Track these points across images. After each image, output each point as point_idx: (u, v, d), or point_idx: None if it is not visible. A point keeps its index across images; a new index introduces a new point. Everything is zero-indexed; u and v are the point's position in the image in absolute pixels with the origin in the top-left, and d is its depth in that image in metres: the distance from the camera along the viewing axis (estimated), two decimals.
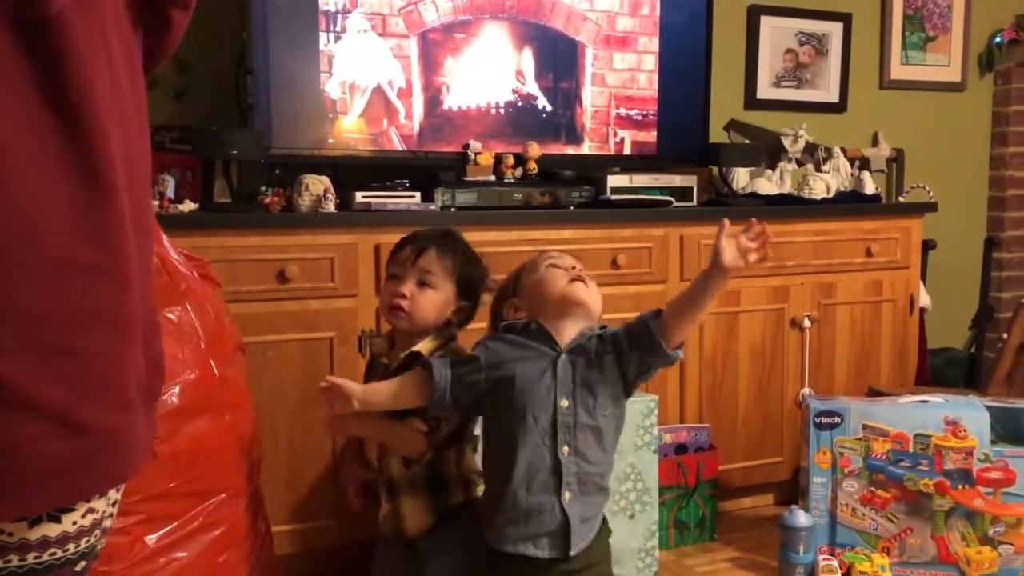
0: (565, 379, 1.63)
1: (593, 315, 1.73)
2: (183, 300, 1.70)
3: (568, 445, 1.61)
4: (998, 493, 2.34)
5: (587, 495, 1.63)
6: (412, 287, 1.75)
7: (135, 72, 0.93)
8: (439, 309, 1.77)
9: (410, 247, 1.79)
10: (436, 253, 1.77)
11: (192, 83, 2.67)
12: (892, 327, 3.04)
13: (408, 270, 1.76)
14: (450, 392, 1.64)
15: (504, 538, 1.61)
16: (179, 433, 1.61)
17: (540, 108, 2.86)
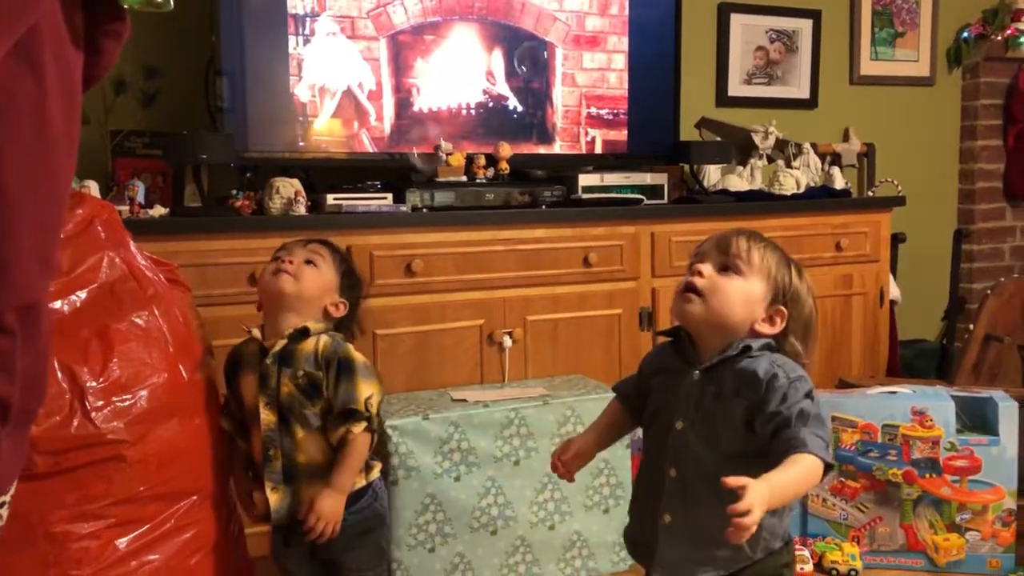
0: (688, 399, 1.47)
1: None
2: (150, 305, 1.71)
3: (676, 468, 1.47)
4: (964, 481, 2.38)
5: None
6: (299, 260, 1.80)
7: (72, 103, 0.96)
8: (322, 288, 1.81)
9: (293, 244, 1.86)
10: (323, 245, 1.86)
11: (162, 88, 2.67)
12: (863, 320, 3.08)
13: (296, 249, 1.83)
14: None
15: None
16: (148, 436, 1.62)
17: (511, 108, 2.88)
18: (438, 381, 2.52)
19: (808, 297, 1.49)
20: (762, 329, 1.44)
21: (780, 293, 1.46)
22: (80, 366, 1.57)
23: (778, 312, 1.45)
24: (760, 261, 1.46)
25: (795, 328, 1.47)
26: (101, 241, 1.72)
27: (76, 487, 1.54)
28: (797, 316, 1.47)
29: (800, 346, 1.48)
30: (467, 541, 2.26)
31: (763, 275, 1.46)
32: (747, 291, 1.45)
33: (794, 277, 1.47)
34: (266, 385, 1.75)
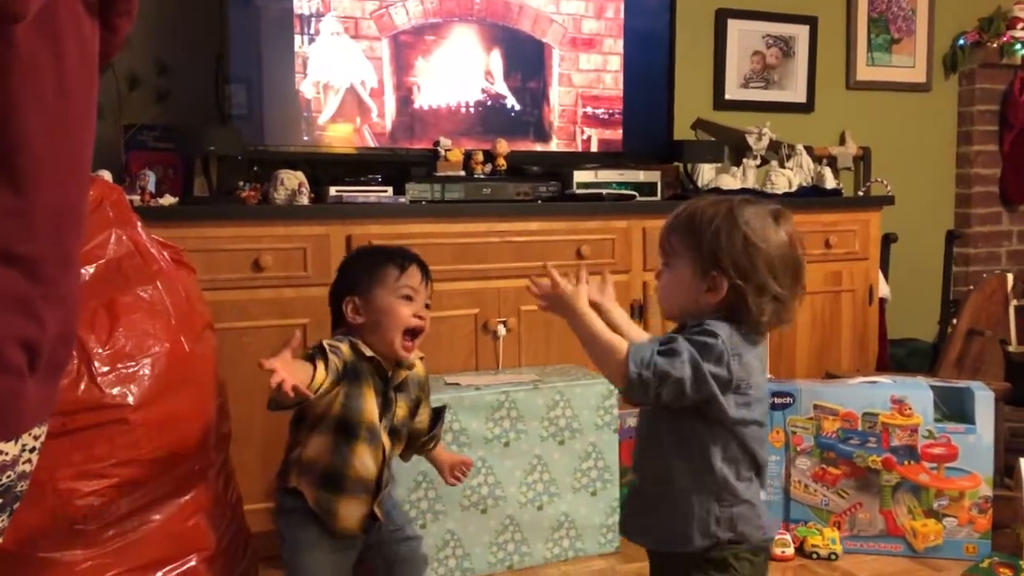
0: None
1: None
2: (155, 280, 1.81)
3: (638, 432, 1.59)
4: (941, 468, 2.45)
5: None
6: (426, 312, 1.85)
7: (89, 76, 1.04)
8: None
9: (419, 271, 1.84)
10: (431, 283, 1.88)
11: (174, 85, 2.79)
12: (852, 316, 3.15)
13: (421, 294, 1.84)
14: None
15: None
16: (151, 403, 1.72)
17: (509, 107, 2.98)
18: (433, 368, 2.60)
19: (764, 238, 1.39)
20: (705, 301, 1.42)
21: (712, 259, 1.40)
22: (88, 334, 1.68)
23: (712, 279, 1.40)
24: (682, 242, 1.44)
25: (753, 278, 1.38)
26: (109, 220, 1.83)
27: (82, 447, 1.64)
28: (748, 265, 1.38)
29: (766, 302, 1.39)
30: (458, 519, 2.35)
31: (687, 254, 1.43)
32: (675, 279, 1.45)
33: (734, 235, 1.39)
34: (388, 411, 1.82)
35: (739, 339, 1.40)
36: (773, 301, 1.40)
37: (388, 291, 1.80)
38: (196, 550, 1.76)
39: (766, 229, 1.40)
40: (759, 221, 1.40)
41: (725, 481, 1.41)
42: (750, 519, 1.43)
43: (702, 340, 1.38)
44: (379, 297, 1.80)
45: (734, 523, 1.41)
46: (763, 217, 1.41)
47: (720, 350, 1.36)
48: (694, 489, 1.42)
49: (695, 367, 1.35)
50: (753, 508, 1.44)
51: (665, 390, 1.36)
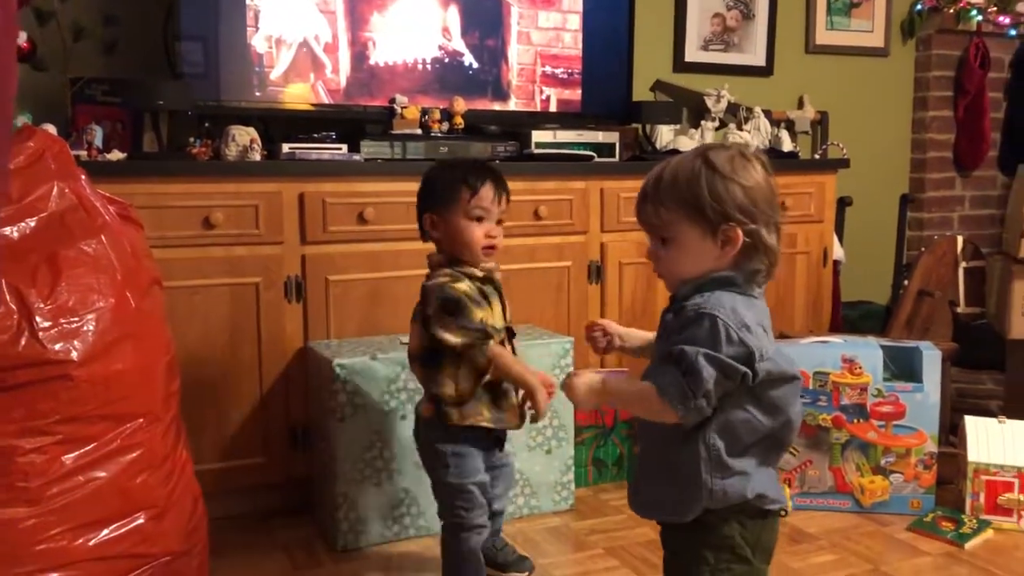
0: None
1: None
2: (99, 234, 1.77)
3: None
4: (889, 426, 2.49)
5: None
6: (499, 228, 1.94)
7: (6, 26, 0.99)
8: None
9: (492, 187, 1.92)
10: (507, 196, 1.96)
11: (121, 37, 2.71)
12: (806, 278, 3.18)
13: (494, 212, 1.93)
14: None
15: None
16: (95, 359, 1.69)
17: (466, 65, 2.95)
18: (390, 328, 2.60)
19: (750, 177, 1.35)
20: (722, 260, 1.36)
21: (719, 214, 1.34)
22: (29, 288, 1.64)
23: (725, 233, 1.34)
24: (678, 210, 1.37)
25: (761, 217, 1.35)
26: (51, 172, 1.78)
27: (23, 403, 1.61)
28: (752, 206, 1.34)
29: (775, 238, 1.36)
30: (412, 477, 2.35)
31: (688, 220, 1.36)
32: (682, 250, 1.38)
33: (728, 184, 1.34)
34: (506, 312, 2.01)
35: (742, 305, 1.35)
36: (778, 231, 1.38)
37: (460, 212, 1.91)
38: (143, 508, 1.74)
39: (747, 168, 1.36)
40: (739, 162, 1.37)
41: (719, 454, 1.37)
42: (742, 489, 1.39)
43: (705, 330, 1.32)
44: (453, 217, 1.91)
45: (727, 495, 1.38)
46: (739, 158, 1.37)
47: (725, 328, 1.31)
48: (688, 461, 1.38)
49: (717, 364, 1.30)
50: (747, 478, 1.39)
51: (712, 398, 1.32)
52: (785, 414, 1.41)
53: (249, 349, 2.44)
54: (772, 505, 1.42)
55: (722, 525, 1.40)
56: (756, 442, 1.40)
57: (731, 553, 1.41)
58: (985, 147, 4.20)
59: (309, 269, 2.49)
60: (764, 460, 1.43)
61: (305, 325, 2.50)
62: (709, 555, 1.41)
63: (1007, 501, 2.40)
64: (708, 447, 1.38)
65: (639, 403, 1.40)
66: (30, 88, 2.56)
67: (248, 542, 2.37)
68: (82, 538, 1.66)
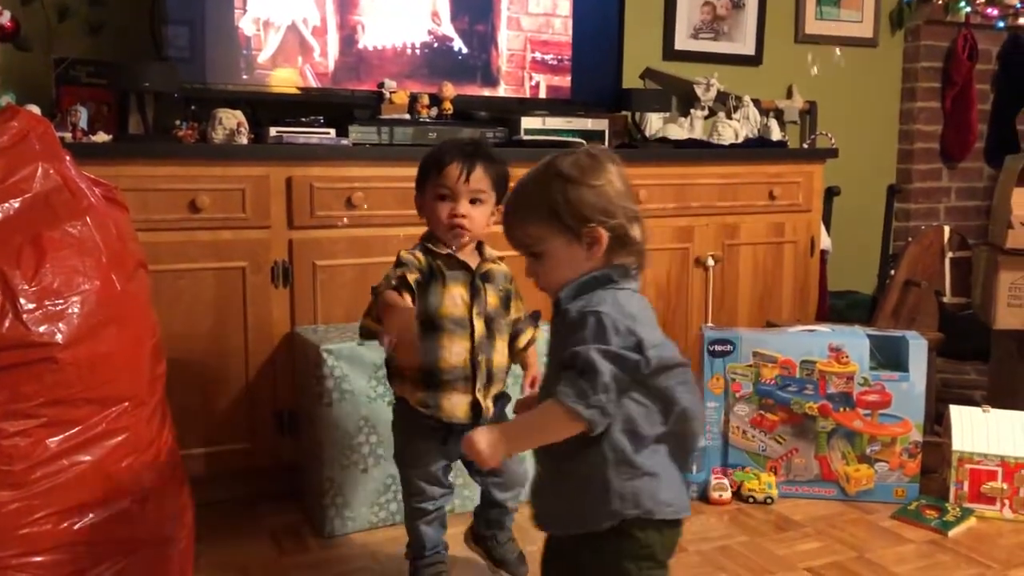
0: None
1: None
2: (84, 216, 1.75)
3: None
4: (875, 414, 2.51)
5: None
6: (467, 207, 1.87)
7: None
8: (488, 220, 1.92)
9: (458, 166, 1.85)
10: (482, 170, 1.87)
11: (107, 17, 2.68)
12: (793, 267, 3.19)
13: (460, 191, 1.86)
14: None
15: None
16: (80, 341, 1.67)
17: (456, 50, 2.93)
18: None
19: (599, 176, 1.38)
20: (591, 261, 1.39)
21: (578, 218, 1.37)
22: (13, 270, 1.62)
23: (589, 235, 1.37)
24: (540, 225, 1.39)
25: (619, 212, 1.38)
26: (36, 153, 1.75)
27: (7, 386, 1.59)
28: (608, 204, 1.38)
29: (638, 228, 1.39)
30: None
31: (551, 231, 1.39)
32: (555, 260, 1.40)
33: (579, 189, 1.37)
34: (478, 298, 1.90)
35: (622, 298, 1.37)
36: (638, 222, 1.41)
37: (428, 191, 1.90)
38: (128, 492, 1.72)
39: (595, 168, 1.39)
40: (586, 163, 1.39)
41: (623, 452, 1.36)
42: (654, 492, 1.38)
43: (592, 328, 1.33)
44: (425, 196, 1.91)
45: (638, 499, 1.37)
46: (586, 159, 1.40)
47: (611, 321, 1.32)
48: (592, 465, 1.37)
49: (611, 357, 1.31)
50: (656, 480, 1.38)
51: (612, 392, 1.31)
52: (678, 403, 1.39)
53: (235, 334, 2.43)
54: (680, 514, 1.41)
55: (641, 534, 1.39)
56: (659, 437, 1.39)
57: (652, 560, 1.41)
58: (972, 138, 4.22)
59: (296, 254, 2.48)
60: (671, 459, 1.41)
61: (292, 310, 2.48)
62: (631, 566, 1.39)
63: (990, 490, 2.42)
64: (613, 448, 1.36)
65: (544, 426, 1.36)
66: (14, 68, 2.53)
67: (234, 527, 2.36)
68: (66, 522, 1.64)
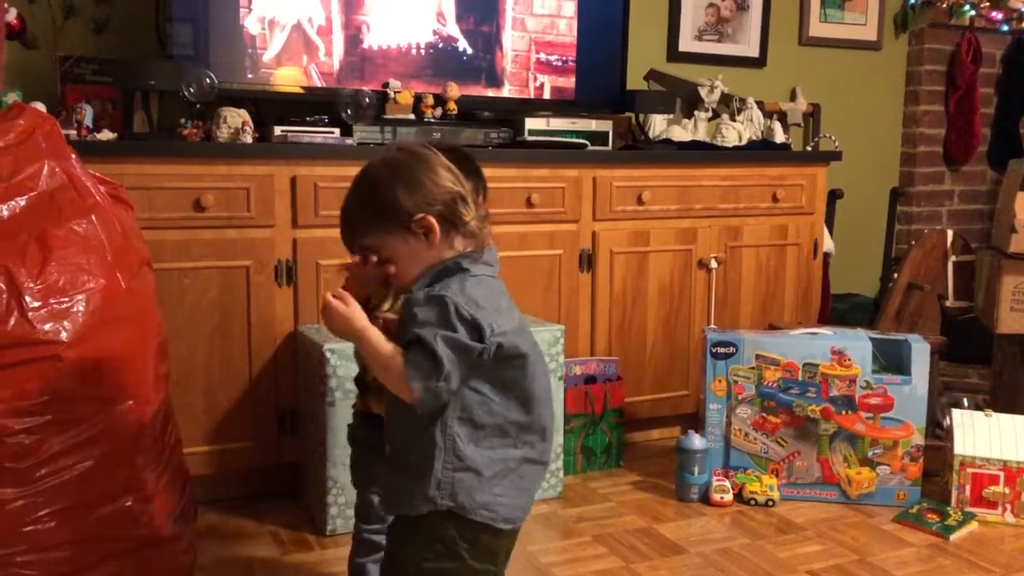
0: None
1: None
2: (89, 214, 1.75)
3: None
4: (877, 418, 2.51)
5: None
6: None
7: None
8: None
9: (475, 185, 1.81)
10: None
11: (113, 15, 2.69)
12: (796, 270, 3.19)
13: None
14: None
15: None
16: (85, 340, 1.67)
17: (460, 50, 2.93)
18: None
19: (413, 167, 1.39)
20: (435, 249, 1.39)
21: (403, 215, 1.37)
22: (18, 268, 1.63)
23: (421, 224, 1.37)
24: (374, 231, 1.39)
25: (440, 196, 1.38)
26: (42, 151, 1.76)
27: (12, 384, 1.60)
28: (428, 190, 1.38)
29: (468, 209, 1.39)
30: None
31: (386, 232, 1.39)
32: (400, 258, 1.40)
33: (394, 183, 1.38)
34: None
35: (471, 285, 1.36)
36: (465, 201, 1.40)
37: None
38: (132, 490, 1.73)
39: (404, 161, 1.40)
40: (398, 158, 1.41)
41: (454, 442, 1.35)
42: (471, 490, 1.35)
43: (436, 313, 1.33)
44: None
45: (454, 491, 1.35)
46: (397, 155, 1.42)
47: (454, 307, 1.32)
48: (424, 449, 1.36)
49: (452, 344, 1.31)
50: (479, 478, 1.36)
51: (453, 380, 1.31)
52: (522, 391, 1.39)
53: (239, 332, 2.43)
54: (496, 523, 1.38)
55: (453, 529, 1.37)
56: (498, 429, 1.38)
57: (458, 560, 1.37)
58: (975, 142, 4.22)
59: (300, 253, 2.48)
60: (522, 461, 1.39)
61: (295, 309, 2.49)
62: (429, 557, 1.37)
63: (992, 494, 2.42)
64: (445, 435, 1.36)
65: (384, 368, 1.35)
66: (20, 66, 2.53)
67: (236, 526, 2.37)
68: (70, 520, 1.65)
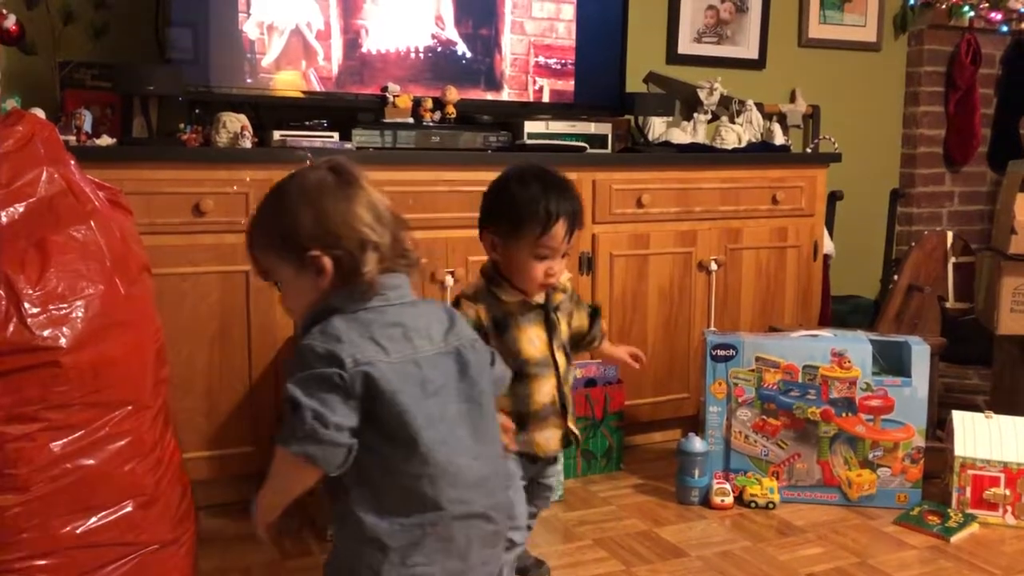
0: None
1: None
2: (88, 220, 1.75)
3: None
4: (878, 420, 2.50)
5: None
6: (560, 262, 1.80)
7: None
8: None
9: (565, 225, 1.75)
10: (579, 228, 1.80)
11: (112, 21, 2.69)
12: (796, 272, 3.19)
13: (560, 249, 1.78)
14: None
15: None
16: (84, 345, 1.67)
17: (459, 54, 2.93)
18: None
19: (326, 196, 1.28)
20: (324, 288, 1.29)
21: (297, 245, 1.27)
22: (17, 274, 1.63)
23: (313, 262, 1.27)
24: (266, 252, 1.33)
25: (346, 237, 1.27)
26: (40, 157, 1.76)
27: (11, 390, 1.60)
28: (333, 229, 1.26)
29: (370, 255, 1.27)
30: None
31: (278, 258, 1.31)
32: (288, 288, 1.33)
33: (298, 210, 1.28)
34: (555, 333, 1.86)
35: (344, 323, 1.26)
36: (376, 251, 1.28)
37: (525, 247, 1.75)
38: (131, 496, 1.73)
39: (334, 188, 1.29)
40: (328, 180, 1.30)
41: (349, 508, 1.25)
42: (377, 568, 1.22)
43: (297, 361, 1.25)
44: (515, 249, 1.77)
45: (354, 570, 1.24)
46: (328, 177, 1.30)
47: (311, 350, 1.23)
48: (338, 519, 1.28)
49: (307, 382, 1.22)
50: (384, 553, 1.22)
51: (327, 420, 1.20)
52: (413, 440, 1.23)
53: (238, 337, 2.43)
54: None
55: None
56: (402, 488, 1.24)
57: None
58: (975, 143, 4.22)
59: None
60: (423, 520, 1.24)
61: None
62: None
63: (993, 496, 2.42)
64: (348, 501, 1.26)
65: (278, 474, 1.27)
66: (19, 72, 2.54)
67: (236, 531, 2.36)
68: (69, 526, 1.65)
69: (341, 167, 1.32)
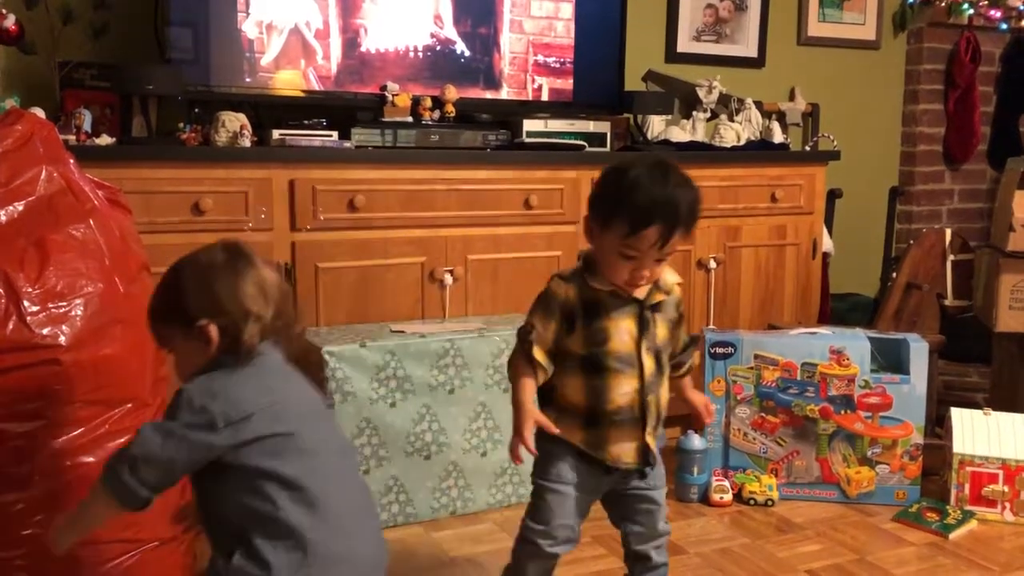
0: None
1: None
2: (87, 219, 1.76)
3: None
4: (876, 417, 2.51)
5: None
6: (652, 266, 1.67)
7: None
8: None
9: (657, 233, 1.61)
10: (680, 235, 1.65)
11: (111, 21, 2.69)
12: (795, 270, 3.19)
13: (650, 254, 1.64)
14: None
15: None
16: (83, 343, 1.68)
17: (458, 53, 2.94)
18: (379, 316, 2.60)
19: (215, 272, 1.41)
20: (208, 355, 1.40)
21: (185, 316, 1.39)
22: (16, 272, 1.63)
23: (200, 332, 1.38)
24: (161, 323, 1.44)
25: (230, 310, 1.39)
26: (39, 156, 1.77)
27: (11, 388, 1.61)
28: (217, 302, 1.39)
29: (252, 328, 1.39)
30: (401, 465, 2.36)
31: (170, 328, 1.43)
32: (178, 356, 1.44)
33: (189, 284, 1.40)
34: (647, 332, 1.71)
35: (223, 377, 1.38)
36: (258, 322, 1.40)
37: (612, 242, 1.64)
38: None
39: (217, 263, 1.41)
40: (218, 259, 1.42)
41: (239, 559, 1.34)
42: None
43: (171, 404, 1.36)
44: (605, 241, 1.66)
45: None
46: (218, 256, 1.43)
47: (187, 398, 1.34)
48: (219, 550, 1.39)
49: (163, 431, 1.33)
50: None
51: (155, 465, 1.32)
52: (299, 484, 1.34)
53: None
54: None
55: None
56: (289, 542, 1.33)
57: None
58: (975, 141, 4.22)
59: (299, 256, 2.49)
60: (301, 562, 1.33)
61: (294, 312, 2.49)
62: None
63: (991, 492, 2.42)
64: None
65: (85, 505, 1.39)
66: (19, 71, 2.54)
67: None
68: None
69: (234, 247, 1.45)
